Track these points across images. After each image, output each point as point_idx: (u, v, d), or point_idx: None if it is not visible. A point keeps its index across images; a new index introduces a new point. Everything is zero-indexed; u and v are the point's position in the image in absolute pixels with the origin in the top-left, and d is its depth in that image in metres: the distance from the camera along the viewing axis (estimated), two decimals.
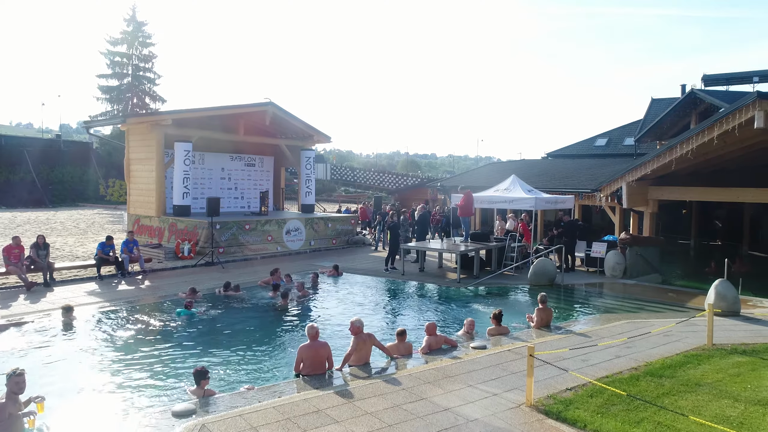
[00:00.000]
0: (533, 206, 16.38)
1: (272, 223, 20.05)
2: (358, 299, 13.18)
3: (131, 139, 21.06)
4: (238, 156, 24.32)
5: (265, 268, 16.79)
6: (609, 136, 38.87)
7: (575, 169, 27.47)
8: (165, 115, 19.13)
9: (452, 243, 16.71)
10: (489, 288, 14.55)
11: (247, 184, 24.70)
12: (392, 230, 16.65)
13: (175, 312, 11.12)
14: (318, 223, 21.76)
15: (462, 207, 16.45)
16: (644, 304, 12.93)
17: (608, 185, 17.74)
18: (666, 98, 38.17)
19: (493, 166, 33.74)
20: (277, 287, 12.90)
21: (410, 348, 8.61)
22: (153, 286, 14.12)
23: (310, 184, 24.45)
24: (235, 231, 18.90)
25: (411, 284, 15.05)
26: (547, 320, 10.43)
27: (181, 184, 19.78)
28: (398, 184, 51.21)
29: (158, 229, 20.03)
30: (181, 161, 19.74)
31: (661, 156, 15.38)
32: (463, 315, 11.91)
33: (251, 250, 19.26)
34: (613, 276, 15.85)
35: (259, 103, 21.30)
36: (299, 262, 18.40)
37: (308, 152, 24.43)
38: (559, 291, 14.43)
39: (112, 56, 50.73)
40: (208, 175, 23.33)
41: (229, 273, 16.00)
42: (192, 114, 19.85)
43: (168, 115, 19.29)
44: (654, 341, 9.42)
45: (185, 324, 10.65)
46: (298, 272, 16.51)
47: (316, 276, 14.76)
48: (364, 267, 17.44)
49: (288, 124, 23.45)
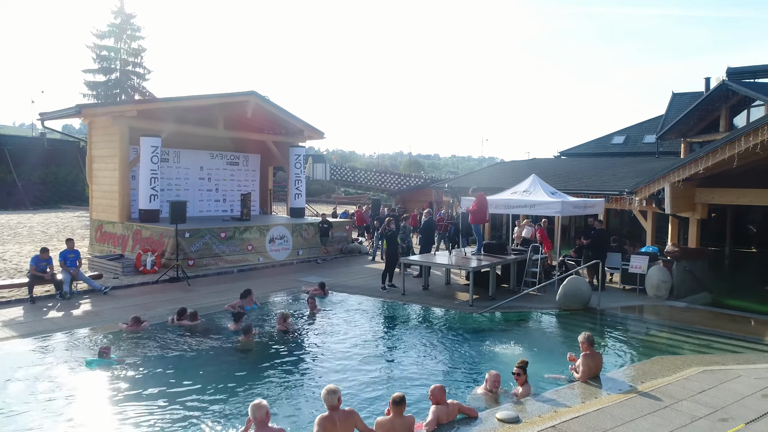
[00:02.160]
0: (559, 211, 13.65)
1: (253, 230, 17.36)
2: (343, 331, 10.45)
3: (93, 133, 18.41)
4: (219, 153, 21.66)
5: (241, 284, 14.10)
6: (627, 133, 36.16)
7: (593, 168, 24.75)
8: (128, 106, 16.49)
9: (462, 256, 13.97)
10: (507, 314, 11.80)
11: (229, 185, 22.02)
12: (389, 240, 13.91)
13: (84, 362, 8.26)
14: (307, 230, 19.06)
15: (474, 212, 13.73)
16: (708, 337, 10.19)
17: (646, 186, 14.99)
18: (689, 92, 35.37)
19: (503, 166, 31.00)
20: (239, 317, 10.18)
21: (411, 425, 5.90)
22: (93, 311, 11.43)
23: (300, 184, 21.75)
24: (209, 240, 16.22)
25: (412, 308, 12.32)
26: (596, 369, 7.72)
27: (148, 185, 17.12)
28: (400, 184, 48.62)
29: (122, 237, 17.36)
30: (148, 159, 17.08)
31: (720, 150, 12.61)
32: (478, 354, 9.20)
33: (227, 262, 16.58)
34: (657, 296, 13.11)
35: (240, 93, 18.62)
36: (283, 276, 15.71)
37: (298, 149, 21.74)
38: (596, 318, 11.69)
39: (99, 50, 48.17)
40: (184, 174, 20.67)
41: (194, 292, 13.32)
42: (161, 105, 17.18)
43: (132, 106, 16.65)
44: (755, 405, 6.70)
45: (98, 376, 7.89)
46: (281, 290, 13.83)
47: (314, 301, 12.01)
48: (358, 283, 14.73)
49: (275, 118, 20.77)
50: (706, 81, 33.98)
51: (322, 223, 19.55)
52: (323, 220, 19.86)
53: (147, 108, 16.99)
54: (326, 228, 19.29)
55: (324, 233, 19.29)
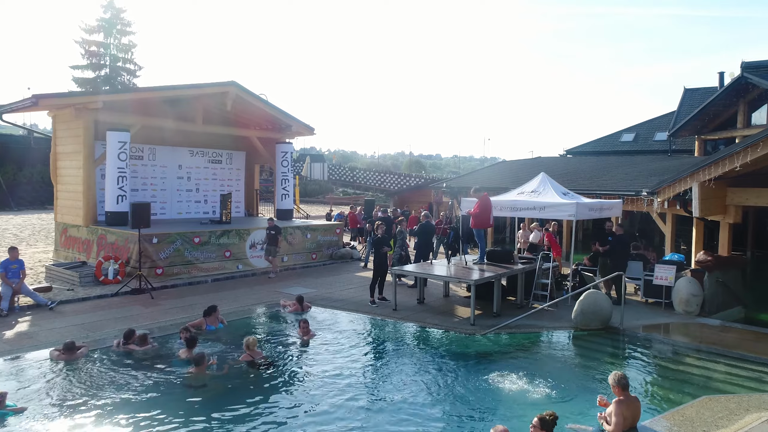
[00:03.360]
0: (573, 215, 11.95)
1: (231, 234, 15.68)
2: (321, 360, 8.75)
3: (57, 128, 16.78)
4: (200, 151, 19.98)
5: (212, 297, 12.49)
6: (636, 130, 34.49)
7: (603, 167, 23.11)
8: (92, 97, 14.82)
9: (462, 265, 12.27)
10: (515, 335, 10.10)
11: (211, 185, 20.34)
12: (377, 246, 12.19)
13: None
14: (293, 234, 17.38)
15: (477, 215, 12.03)
16: (757, 367, 8.48)
17: (670, 186, 13.31)
18: (701, 88, 33.74)
19: (507, 164, 29.31)
20: (192, 343, 8.47)
21: None
22: (27, 333, 9.74)
23: (288, 184, 20.07)
24: (180, 246, 14.55)
25: (405, 328, 10.61)
26: (632, 420, 6.04)
27: (115, 184, 15.45)
28: (400, 184, 47.02)
29: (86, 242, 15.71)
30: (115, 155, 15.41)
31: (762, 143, 10.90)
32: (482, 393, 7.51)
33: (202, 271, 14.91)
34: (687, 312, 11.41)
35: (218, 83, 16.93)
36: (264, 287, 14.04)
37: (285, 146, 20.07)
38: (619, 340, 10.00)
39: (88, 45, 46.62)
40: (161, 173, 18.99)
41: (156, 306, 11.65)
42: (130, 96, 15.54)
43: (96, 97, 14.95)
44: None
45: None
46: (257, 304, 12.16)
47: (307, 325, 9.78)
48: (345, 295, 13.04)
49: (260, 112, 19.10)
50: (720, 76, 32.32)
51: (268, 229, 15.38)
52: (271, 225, 15.41)
53: (114, 99, 15.34)
54: (273, 235, 15.17)
55: (271, 241, 15.21)
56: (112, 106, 15.56)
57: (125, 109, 15.77)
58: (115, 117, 15.52)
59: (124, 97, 15.36)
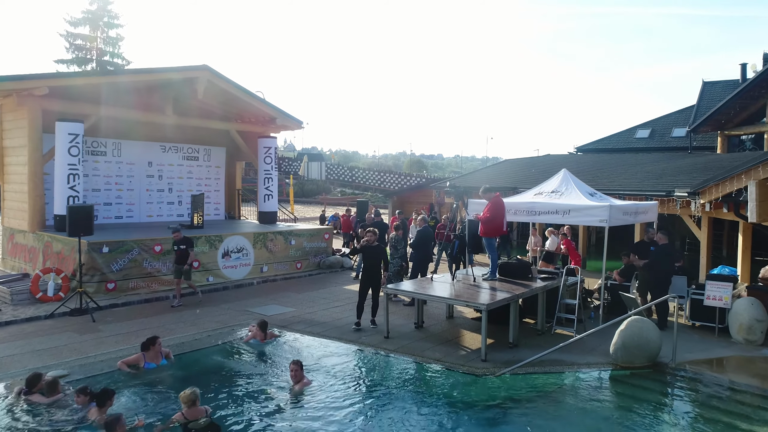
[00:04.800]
0: (606, 219, 9.76)
1: (200, 241, 13.52)
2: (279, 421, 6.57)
3: (4, 119, 14.65)
4: (173, 146, 17.83)
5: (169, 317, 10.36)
6: (652, 126, 32.35)
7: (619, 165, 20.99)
8: (35, 81, 12.62)
9: (470, 282, 10.06)
10: (536, 380, 7.87)
11: (186, 184, 18.19)
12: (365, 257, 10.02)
13: None
14: (275, 240, 15.21)
15: (488, 221, 9.84)
16: None
17: (718, 185, 11.16)
18: (722, 80, 31.58)
19: (514, 162, 27.09)
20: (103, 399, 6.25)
21: None
22: None
23: (271, 183, 17.90)
24: (137, 255, 12.39)
25: (398, 364, 8.40)
26: None
27: (65, 183, 13.31)
28: (401, 185, 44.93)
29: (32, 250, 13.57)
30: (65, 150, 13.28)
31: None
32: None
33: (164, 284, 12.75)
34: (748, 341, 9.22)
35: (186, 67, 14.74)
36: (235, 304, 11.88)
37: (267, 140, 17.91)
38: (673, 383, 7.81)
39: (73, 39, 44.41)
40: (127, 171, 16.84)
41: (95, 333, 9.49)
42: (81, 80, 13.33)
43: (41, 81, 12.76)
44: None
45: None
46: (221, 329, 9.97)
47: (299, 369, 7.19)
48: (329, 316, 10.86)
49: (238, 102, 16.91)
50: (742, 67, 30.31)
51: (175, 243, 11.47)
52: (177, 238, 11.40)
53: (62, 84, 13.17)
54: (183, 251, 11.35)
55: (179, 258, 11.34)
56: (61, 92, 13.41)
57: (78, 96, 13.61)
58: (65, 105, 13.39)
59: (74, 82, 13.20)
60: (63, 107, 13.37)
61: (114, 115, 14.68)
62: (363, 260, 10.06)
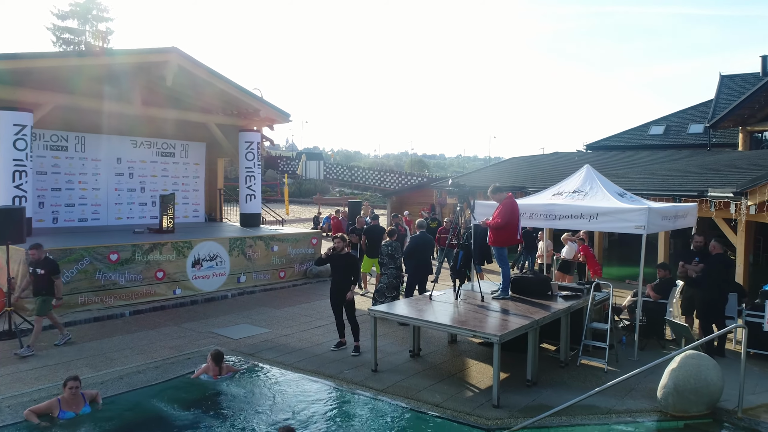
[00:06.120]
0: (644, 226, 7.98)
1: (165, 248, 11.75)
2: None
3: None
4: (146, 141, 16.11)
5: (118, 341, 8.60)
6: (666, 122, 30.57)
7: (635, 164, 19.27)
8: None
9: (478, 301, 8.25)
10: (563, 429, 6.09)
11: (161, 183, 16.45)
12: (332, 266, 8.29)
13: None
14: (254, 246, 13.44)
15: (499, 228, 8.06)
16: None
17: None
18: (741, 74, 29.84)
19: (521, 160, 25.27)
20: None
21: None
22: None
23: (254, 182, 16.13)
24: (89, 265, 10.63)
25: (387, 411, 6.62)
26: None
27: (10, 181, 11.59)
28: (402, 184, 43.32)
29: None
30: (9, 143, 11.56)
31: None
32: None
33: (122, 299, 11.00)
34: None
35: (153, 49, 12.93)
36: (201, 323, 10.12)
37: (249, 134, 16.14)
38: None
39: (60, 32, 42.89)
40: (93, 168, 15.11)
41: (17, 366, 7.75)
42: (25, 63, 11.51)
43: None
44: None
45: None
46: (177, 357, 8.19)
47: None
48: (307, 340, 9.10)
49: (215, 91, 15.07)
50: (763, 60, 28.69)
51: (31, 264, 8.46)
52: (35, 257, 8.38)
53: (11, 67, 11.37)
54: (42, 276, 8.30)
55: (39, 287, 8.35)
56: (11, 77, 11.63)
57: (23, 82, 11.84)
58: (8, 92, 11.63)
59: (17, 65, 11.40)
60: (6, 93, 11.61)
61: (71, 105, 12.94)
62: (331, 272, 8.35)
